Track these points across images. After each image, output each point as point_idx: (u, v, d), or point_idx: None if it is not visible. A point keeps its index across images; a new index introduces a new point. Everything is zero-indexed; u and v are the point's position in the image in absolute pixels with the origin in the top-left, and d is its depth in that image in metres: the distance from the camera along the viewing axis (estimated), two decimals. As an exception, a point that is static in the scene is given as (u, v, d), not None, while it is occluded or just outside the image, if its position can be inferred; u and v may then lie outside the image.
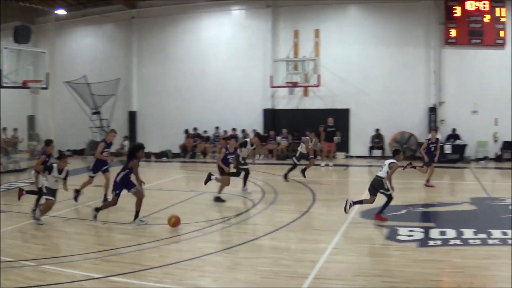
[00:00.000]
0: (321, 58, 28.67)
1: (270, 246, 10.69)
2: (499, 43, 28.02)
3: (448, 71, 28.44)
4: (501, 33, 27.91)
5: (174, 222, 12.13)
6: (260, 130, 29.58)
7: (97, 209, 12.90)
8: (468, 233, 11.45)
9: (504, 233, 11.48)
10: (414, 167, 15.48)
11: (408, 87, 28.55)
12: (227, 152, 16.00)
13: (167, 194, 16.79)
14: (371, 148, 28.37)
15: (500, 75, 27.90)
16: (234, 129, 29.84)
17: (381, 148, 28.23)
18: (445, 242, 10.76)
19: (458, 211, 14.43)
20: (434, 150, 18.80)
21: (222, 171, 15.96)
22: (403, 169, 15.07)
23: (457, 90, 28.36)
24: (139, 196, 12.60)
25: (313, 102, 29.74)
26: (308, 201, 15.53)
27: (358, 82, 28.93)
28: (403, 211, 14.11)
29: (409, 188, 17.90)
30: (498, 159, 27.61)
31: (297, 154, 20.10)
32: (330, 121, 25.67)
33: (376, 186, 13.35)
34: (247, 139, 18.18)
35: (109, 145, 15.62)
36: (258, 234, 11.42)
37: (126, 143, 30.75)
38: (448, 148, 26.87)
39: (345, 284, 8.29)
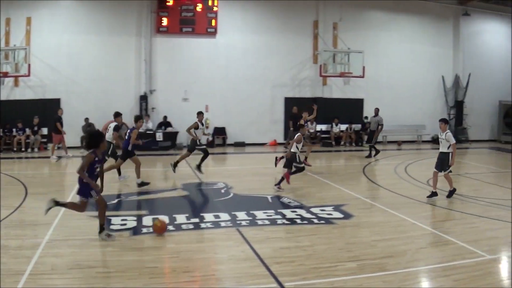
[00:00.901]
0: (32, 47, 27.13)
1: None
2: (211, 32, 29.38)
3: (159, 59, 29.03)
4: (213, 22, 29.28)
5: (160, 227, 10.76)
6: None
7: (57, 203, 10.20)
8: (181, 218, 11.91)
9: (217, 216, 12.13)
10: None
11: (119, 75, 28.50)
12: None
13: None
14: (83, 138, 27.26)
15: (210, 63, 29.50)
16: None
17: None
18: (159, 229, 10.98)
19: (170, 197, 14.82)
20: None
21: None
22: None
23: (168, 78, 29.10)
24: (102, 204, 10.41)
25: (24, 92, 27.86)
26: (20, 196, 14.77)
27: (68, 71, 27.94)
28: (115, 201, 14.15)
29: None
30: (210, 144, 28.80)
31: (190, 143, 18.80)
32: (61, 112, 24.66)
33: (291, 159, 16.25)
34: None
35: None
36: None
37: None
38: (159, 136, 27.41)
39: (60, 277, 8.15)
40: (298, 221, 12.11)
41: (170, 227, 11.18)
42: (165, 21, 28.82)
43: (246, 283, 8.18)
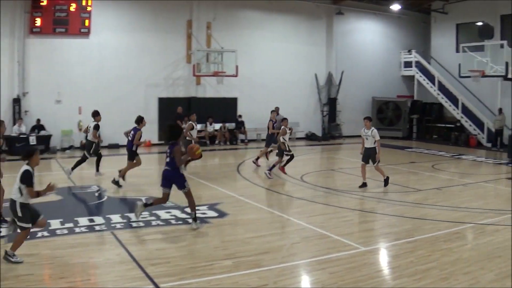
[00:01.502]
0: None
1: None
2: (84, 32, 28.90)
3: (32, 60, 28.12)
4: (86, 22, 28.77)
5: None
6: None
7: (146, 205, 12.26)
8: (55, 223, 11.87)
9: (91, 220, 12.24)
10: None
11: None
12: None
13: None
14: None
15: (84, 63, 28.91)
16: None
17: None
18: (33, 235, 10.86)
19: (44, 202, 14.52)
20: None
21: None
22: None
23: (41, 80, 28.23)
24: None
25: None
26: None
27: None
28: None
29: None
30: (83, 147, 28.44)
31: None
32: None
33: (281, 149, 19.03)
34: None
35: None
36: None
37: None
38: (32, 140, 26.45)
39: None
40: (173, 221, 12.47)
41: (45, 233, 11.15)
42: (38, 22, 27.92)
43: (123, 286, 8.36)
